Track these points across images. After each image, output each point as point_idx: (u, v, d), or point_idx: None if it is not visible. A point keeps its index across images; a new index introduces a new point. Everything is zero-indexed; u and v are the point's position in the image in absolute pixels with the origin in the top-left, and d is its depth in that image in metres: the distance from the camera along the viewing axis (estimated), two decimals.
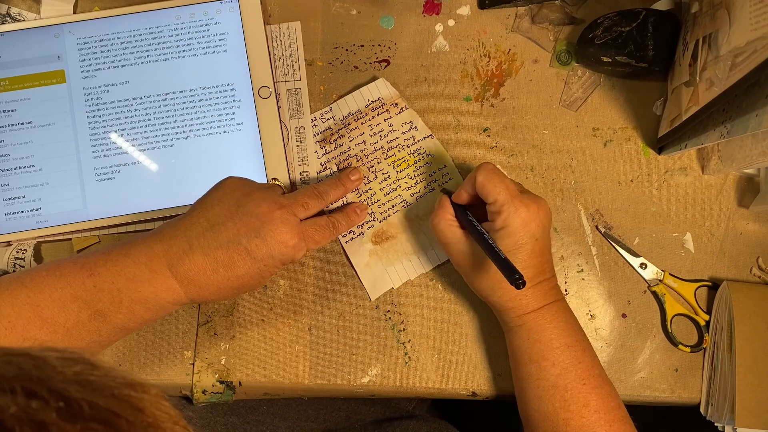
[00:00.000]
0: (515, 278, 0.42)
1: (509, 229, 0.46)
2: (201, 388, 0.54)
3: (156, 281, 0.45)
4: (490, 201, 0.47)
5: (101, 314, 0.44)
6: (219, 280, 0.46)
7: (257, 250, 0.46)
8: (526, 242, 0.47)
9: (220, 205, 0.47)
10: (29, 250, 0.55)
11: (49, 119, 0.55)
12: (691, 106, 0.50)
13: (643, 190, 0.58)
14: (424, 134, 0.57)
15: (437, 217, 0.50)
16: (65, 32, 0.56)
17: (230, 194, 0.48)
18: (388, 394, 0.56)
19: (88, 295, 0.44)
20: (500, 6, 0.58)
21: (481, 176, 0.48)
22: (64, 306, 0.44)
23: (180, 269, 0.45)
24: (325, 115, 0.57)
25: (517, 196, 0.47)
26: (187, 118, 0.56)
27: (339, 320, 0.56)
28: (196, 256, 0.45)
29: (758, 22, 0.41)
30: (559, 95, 0.58)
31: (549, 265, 0.49)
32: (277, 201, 0.48)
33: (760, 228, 0.57)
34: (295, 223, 0.48)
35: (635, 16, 0.55)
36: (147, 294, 0.45)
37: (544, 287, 0.48)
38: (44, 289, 0.44)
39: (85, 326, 0.44)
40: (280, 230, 0.47)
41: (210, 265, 0.45)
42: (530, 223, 0.46)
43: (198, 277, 0.45)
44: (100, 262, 0.45)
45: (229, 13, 0.57)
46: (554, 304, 0.48)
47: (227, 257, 0.45)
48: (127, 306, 0.45)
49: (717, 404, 0.53)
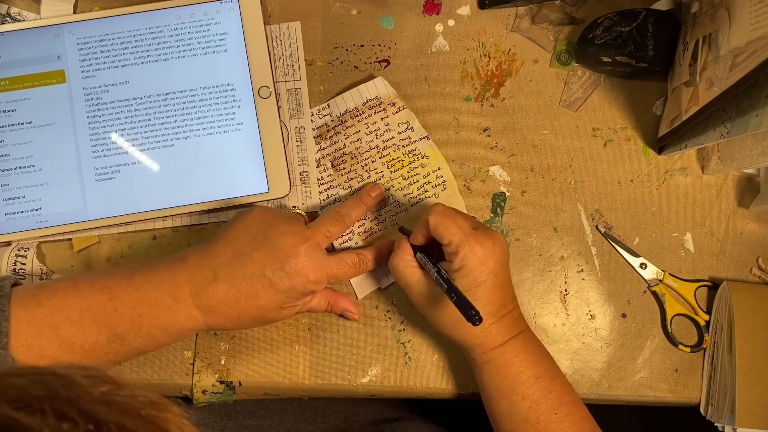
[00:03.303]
0: (471, 314, 0.42)
1: (467, 269, 0.46)
2: (201, 388, 0.54)
3: (178, 309, 0.45)
4: (445, 243, 0.47)
5: (120, 337, 0.45)
6: (240, 309, 0.46)
7: (281, 283, 0.46)
8: (486, 279, 0.46)
9: (246, 236, 0.47)
10: (31, 249, 0.55)
11: (49, 119, 0.55)
12: (691, 106, 0.50)
13: (643, 190, 0.58)
14: (420, 135, 0.57)
15: (396, 258, 0.50)
16: (65, 32, 0.56)
17: (256, 225, 0.48)
18: (388, 394, 0.56)
19: (108, 319, 0.44)
20: (500, 6, 0.58)
21: (433, 219, 0.47)
22: (83, 328, 0.44)
23: (203, 298, 0.45)
24: (322, 111, 0.57)
25: (471, 235, 0.47)
26: (187, 118, 0.56)
27: (339, 320, 0.56)
28: (221, 285, 0.46)
29: (758, 22, 0.41)
30: (559, 95, 0.58)
31: (510, 296, 0.49)
32: (302, 234, 0.48)
33: (760, 228, 0.57)
34: (320, 258, 0.48)
35: (635, 16, 0.55)
36: (168, 321, 0.45)
37: (508, 320, 0.48)
38: (62, 309, 0.44)
39: (102, 348, 0.45)
40: (304, 265, 0.47)
41: (233, 295, 0.46)
42: (487, 260, 0.46)
43: (220, 307, 0.46)
44: (120, 286, 0.45)
45: (229, 13, 0.57)
46: (519, 336, 0.48)
47: (251, 288, 0.46)
48: (147, 331, 0.45)
49: (717, 404, 0.53)
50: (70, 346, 0.44)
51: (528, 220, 0.57)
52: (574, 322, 0.56)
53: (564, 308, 0.56)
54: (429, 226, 0.48)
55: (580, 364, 0.56)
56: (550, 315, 0.56)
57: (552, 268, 0.57)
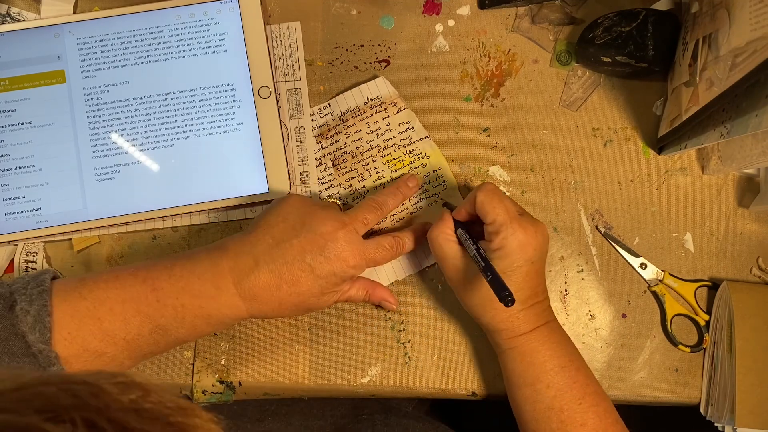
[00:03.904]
0: (505, 295, 0.42)
1: (505, 251, 0.46)
2: (201, 388, 0.54)
3: (221, 298, 0.45)
4: (489, 221, 0.47)
5: (162, 328, 0.45)
6: (282, 296, 0.46)
7: (320, 268, 0.47)
8: (522, 265, 0.47)
9: (285, 224, 0.48)
10: (40, 253, 0.55)
11: (49, 119, 0.55)
12: (691, 106, 0.50)
13: (643, 190, 0.58)
14: (420, 135, 0.57)
15: (436, 230, 0.50)
16: (65, 32, 0.56)
17: (294, 212, 0.48)
18: (388, 394, 0.56)
19: (151, 310, 0.44)
20: (500, 6, 0.58)
21: (481, 196, 0.48)
22: (126, 320, 0.44)
23: (245, 286, 0.46)
24: (323, 111, 0.57)
25: (515, 219, 0.47)
26: (187, 118, 0.56)
27: (339, 320, 0.56)
28: (262, 272, 0.46)
29: (758, 22, 0.41)
30: (559, 95, 0.58)
31: (542, 287, 0.49)
32: (340, 219, 0.48)
33: (760, 228, 0.57)
34: (358, 242, 0.49)
35: (635, 16, 0.55)
36: (210, 311, 0.46)
37: (537, 309, 0.48)
38: (105, 302, 0.44)
39: (145, 339, 0.45)
40: (343, 250, 0.47)
41: (275, 282, 0.46)
42: (527, 246, 0.46)
43: (262, 294, 0.46)
44: (163, 277, 0.45)
45: (229, 13, 0.57)
46: (546, 325, 0.48)
47: (292, 274, 0.46)
48: (190, 321, 0.45)
49: (717, 404, 0.53)
50: (112, 338, 0.44)
51: None
52: (574, 322, 0.56)
53: (564, 308, 0.56)
54: (475, 203, 0.48)
55: None
56: None
57: (552, 268, 0.57)
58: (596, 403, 0.47)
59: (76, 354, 0.43)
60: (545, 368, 0.47)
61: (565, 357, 0.48)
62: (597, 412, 0.47)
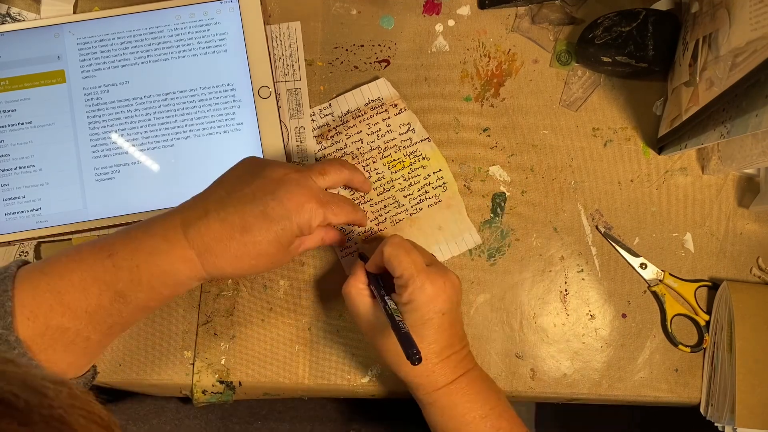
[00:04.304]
0: (412, 353, 0.41)
1: (415, 305, 0.46)
2: (201, 388, 0.54)
3: (173, 252, 0.44)
4: (397, 275, 0.47)
5: (122, 295, 0.44)
6: (236, 246, 0.44)
7: (272, 212, 0.44)
8: (433, 317, 0.46)
9: (238, 179, 0.47)
10: (30, 252, 0.55)
11: (49, 119, 0.55)
12: (691, 106, 0.50)
13: (643, 190, 0.58)
14: (421, 137, 0.57)
15: (348, 285, 0.49)
16: (65, 32, 0.56)
17: (247, 165, 0.48)
18: (389, 394, 0.56)
19: (108, 276, 0.44)
20: (500, 6, 0.58)
21: (388, 249, 0.47)
22: (85, 290, 0.43)
23: (196, 236, 0.44)
24: (324, 111, 0.57)
25: (423, 271, 0.46)
26: (187, 118, 0.56)
27: (339, 320, 0.56)
28: (212, 221, 0.44)
29: (758, 22, 0.41)
30: (559, 95, 0.58)
31: (459, 336, 0.48)
32: (294, 167, 0.48)
33: (760, 228, 0.57)
34: (313, 186, 0.47)
35: (635, 16, 0.55)
36: (165, 267, 0.44)
37: (453, 361, 0.47)
38: (65, 274, 0.43)
39: (106, 309, 0.44)
40: (295, 191, 0.46)
41: (226, 230, 0.44)
42: (436, 299, 0.46)
43: (214, 244, 0.44)
44: (119, 242, 0.45)
45: (229, 13, 0.57)
46: (465, 375, 0.48)
47: (242, 220, 0.44)
48: (147, 282, 0.44)
49: (717, 404, 0.53)
50: (74, 311, 0.43)
51: (528, 220, 0.57)
52: (574, 322, 0.56)
53: (564, 308, 0.56)
54: (383, 256, 0.47)
55: (580, 364, 0.56)
56: (550, 315, 0.56)
57: (552, 268, 0.57)
58: None
59: (40, 332, 0.42)
60: (465, 420, 0.47)
61: (486, 406, 0.47)
62: None
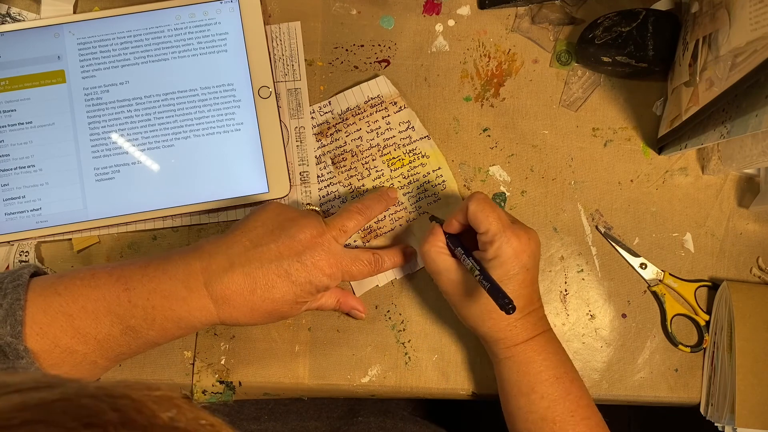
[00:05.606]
0: (505, 303, 0.42)
1: (501, 259, 0.46)
2: (201, 388, 0.54)
3: (191, 300, 0.45)
4: (482, 231, 0.47)
5: (133, 330, 0.45)
6: (255, 301, 0.45)
7: (297, 275, 0.46)
8: (518, 272, 0.46)
9: (264, 228, 0.47)
10: (31, 252, 0.55)
11: (49, 119, 0.55)
12: (691, 106, 0.50)
13: (643, 190, 0.58)
14: (420, 135, 0.57)
15: (428, 245, 0.50)
16: (65, 32, 0.56)
17: (273, 218, 0.48)
18: (388, 394, 0.56)
19: (122, 310, 0.44)
20: (500, 6, 0.58)
21: (473, 205, 0.47)
22: (97, 319, 0.44)
23: (217, 288, 0.45)
24: (323, 109, 0.57)
25: (509, 227, 0.47)
26: (187, 118, 0.56)
27: (339, 320, 0.56)
28: (236, 274, 0.45)
29: (758, 22, 0.41)
30: (559, 95, 0.58)
31: (537, 295, 0.49)
32: (319, 227, 0.48)
33: (760, 228, 0.57)
34: (337, 252, 0.48)
35: (635, 16, 0.55)
36: (181, 313, 0.45)
37: (533, 318, 0.48)
38: (78, 299, 0.44)
39: (116, 340, 0.45)
40: (320, 258, 0.47)
41: (248, 285, 0.45)
42: (522, 254, 0.46)
43: (234, 297, 0.45)
44: (136, 277, 0.45)
45: (229, 13, 0.57)
46: (543, 335, 0.48)
47: (266, 279, 0.45)
48: (160, 324, 0.45)
49: (717, 404, 0.53)
50: (84, 336, 0.43)
51: (528, 220, 0.57)
52: (574, 322, 0.56)
53: (564, 308, 0.56)
54: (467, 213, 0.48)
55: (580, 364, 0.56)
56: (550, 315, 0.56)
57: (552, 268, 0.57)
58: (588, 416, 0.47)
59: (47, 349, 0.43)
60: (540, 378, 0.47)
61: (560, 368, 0.48)
62: (588, 425, 0.47)
